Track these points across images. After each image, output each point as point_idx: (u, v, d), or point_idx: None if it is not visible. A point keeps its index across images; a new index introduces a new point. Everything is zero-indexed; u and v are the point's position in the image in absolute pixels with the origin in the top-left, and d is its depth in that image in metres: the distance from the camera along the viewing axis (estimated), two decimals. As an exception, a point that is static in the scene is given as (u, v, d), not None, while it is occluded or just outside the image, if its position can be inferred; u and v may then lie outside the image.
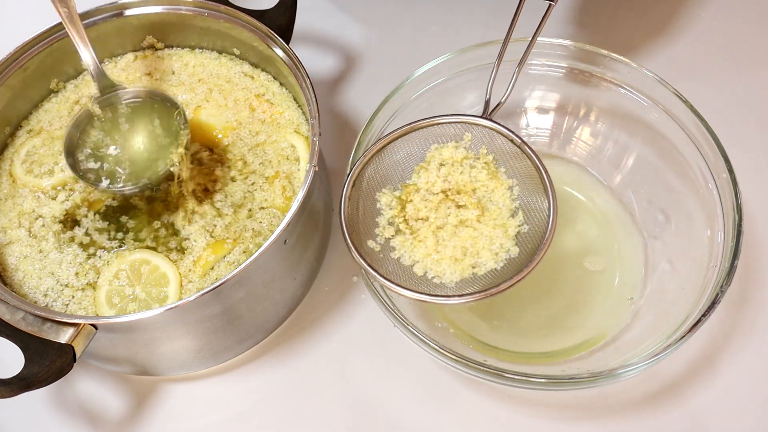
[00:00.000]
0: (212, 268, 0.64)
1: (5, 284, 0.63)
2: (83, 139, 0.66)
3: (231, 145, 0.70)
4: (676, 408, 0.65)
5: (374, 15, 0.90)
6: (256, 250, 0.58)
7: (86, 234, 0.66)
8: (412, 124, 0.65)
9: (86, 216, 0.67)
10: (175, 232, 0.66)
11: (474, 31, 0.87)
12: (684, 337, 0.58)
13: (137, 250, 0.65)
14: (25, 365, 0.55)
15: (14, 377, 0.54)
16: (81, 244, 0.65)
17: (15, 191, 0.68)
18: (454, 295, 0.59)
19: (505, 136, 0.64)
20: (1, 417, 0.68)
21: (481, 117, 0.65)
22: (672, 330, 0.60)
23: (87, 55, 0.67)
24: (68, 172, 0.68)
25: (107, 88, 0.68)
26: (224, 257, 0.64)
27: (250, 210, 0.66)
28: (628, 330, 0.67)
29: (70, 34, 0.66)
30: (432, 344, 0.59)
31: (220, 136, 0.70)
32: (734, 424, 0.65)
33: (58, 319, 0.57)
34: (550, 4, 0.64)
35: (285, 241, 0.61)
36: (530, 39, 0.65)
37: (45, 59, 0.71)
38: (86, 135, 0.67)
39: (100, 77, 0.67)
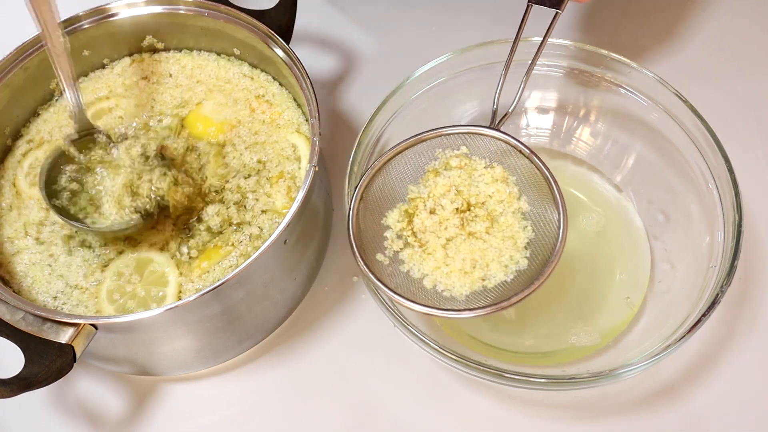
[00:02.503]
0: (209, 271, 0.64)
1: (14, 291, 0.63)
2: (59, 176, 0.65)
3: (229, 143, 0.69)
4: (676, 408, 0.65)
5: (374, 15, 0.90)
6: (254, 253, 0.58)
7: (91, 241, 0.66)
8: (419, 136, 0.65)
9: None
10: (178, 233, 0.66)
11: (474, 31, 0.87)
12: (684, 337, 0.58)
13: (142, 248, 0.65)
14: (25, 365, 0.55)
15: (14, 377, 0.54)
16: (89, 247, 0.65)
17: (20, 202, 0.68)
18: (464, 309, 0.58)
19: (514, 147, 0.63)
20: (1, 417, 0.68)
21: (488, 127, 0.65)
22: (672, 330, 0.61)
23: (72, 96, 0.65)
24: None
25: (84, 130, 0.67)
26: (223, 259, 0.64)
27: (252, 215, 0.66)
28: (628, 330, 0.67)
29: (55, 71, 0.64)
30: (432, 344, 0.59)
31: (213, 130, 0.70)
32: (734, 425, 0.65)
33: (58, 319, 0.57)
34: (556, 12, 0.63)
35: (285, 241, 0.61)
36: (537, 48, 0.64)
37: (45, 59, 0.70)
38: (62, 172, 0.66)
39: (80, 118, 0.66)
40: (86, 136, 0.67)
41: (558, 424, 0.65)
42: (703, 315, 0.58)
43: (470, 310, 0.58)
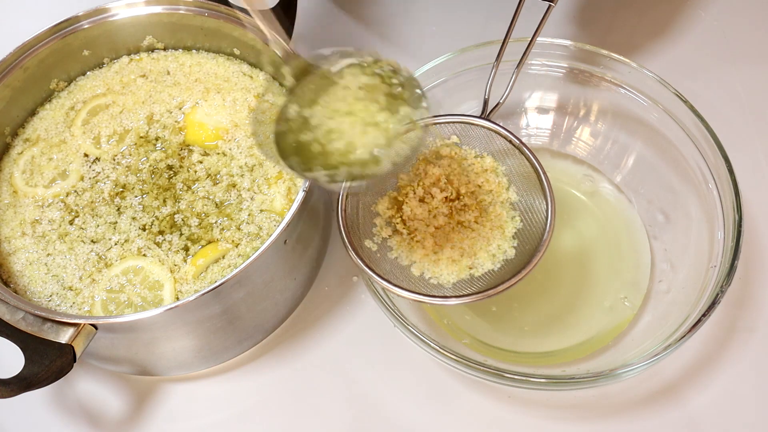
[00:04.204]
0: (206, 270, 0.64)
1: (13, 291, 0.63)
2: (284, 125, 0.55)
3: (225, 147, 0.69)
4: (676, 408, 0.65)
5: (374, 15, 0.90)
6: (253, 253, 0.58)
7: (90, 239, 0.66)
8: (409, 124, 0.65)
9: (88, 220, 0.67)
10: (172, 231, 0.66)
11: (474, 31, 0.87)
12: (684, 337, 0.58)
13: (129, 257, 0.64)
14: (25, 365, 0.55)
15: (14, 377, 0.54)
16: (84, 248, 0.65)
17: (17, 201, 0.68)
18: (451, 296, 0.59)
19: (503, 137, 0.64)
20: (1, 417, 0.68)
21: (479, 117, 0.65)
22: (672, 330, 0.61)
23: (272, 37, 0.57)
24: (70, 181, 0.68)
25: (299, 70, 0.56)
26: (220, 259, 0.64)
27: (249, 214, 0.66)
28: (628, 330, 0.67)
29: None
30: (432, 344, 0.59)
31: (211, 133, 0.70)
32: (734, 425, 0.65)
33: (58, 319, 0.57)
34: (549, 5, 0.64)
35: (285, 241, 0.61)
36: (530, 39, 0.65)
37: (45, 59, 0.71)
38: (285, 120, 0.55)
39: (293, 59, 0.56)
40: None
41: (558, 424, 0.65)
42: (703, 315, 0.58)
43: (457, 297, 0.58)
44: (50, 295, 0.63)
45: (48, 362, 0.55)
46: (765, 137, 0.79)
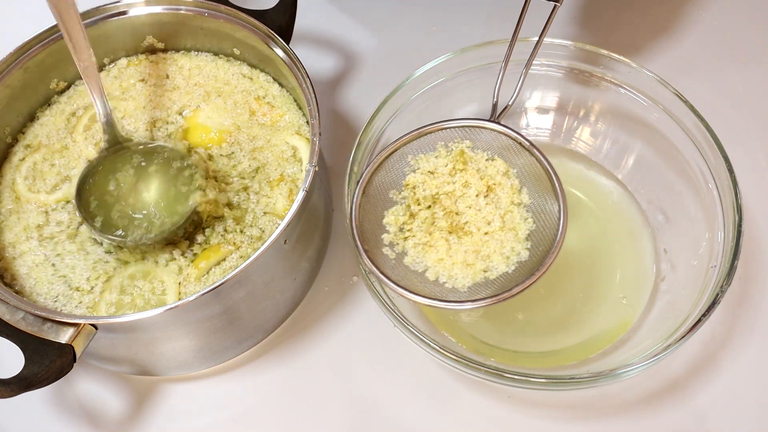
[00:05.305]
0: (208, 272, 0.64)
1: (17, 293, 0.63)
2: (94, 188, 0.65)
3: (228, 149, 0.69)
4: (677, 408, 0.65)
5: (374, 15, 0.90)
6: (253, 253, 0.58)
7: (95, 242, 0.66)
8: (420, 129, 0.65)
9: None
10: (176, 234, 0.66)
11: (474, 31, 0.87)
12: (684, 337, 0.58)
13: (136, 262, 0.64)
14: (25, 365, 0.55)
15: (14, 377, 0.54)
16: (88, 250, 0.65)
17: (20, 207, 0.68)
18: (466, 301, 0.58)
19: (514, 139, 0.64)
20: (1, 417, 0.68)
21: (489, 120, 0.65)
22: (672, 330, 0.61)
23: (101, 108, 0.66)
24: (73, 187, 0.68)
25: (115, 142, 0.67)
26: (221, 261, 0.64)
27: (253, 216, 0.66)
28: (628, 330, 0.67)
29: (87, 86, 0.65)
30: (432, 344, 0.59)
31: (214, 136, 0.70)
32: (734, 425, 0.65)
33: (58, 319, 0.57)
34: (555, 5, 0.63)
35: (285, 241, 0.61)
36: (536, 40, 0.65)
37: (45, 59, 0.70)
38: (96, 184, 0.65)
39: (110, 130, 0.66)
40: (117, 145, 0.67)
41: (558, 424, 0.65)
42: (703, 315, 0.58)
43: (472, 301, 0.58)
44: (56, 296, 0.63)
45: (48, 362, 0.55)
46: (765, 137, 0.79)
